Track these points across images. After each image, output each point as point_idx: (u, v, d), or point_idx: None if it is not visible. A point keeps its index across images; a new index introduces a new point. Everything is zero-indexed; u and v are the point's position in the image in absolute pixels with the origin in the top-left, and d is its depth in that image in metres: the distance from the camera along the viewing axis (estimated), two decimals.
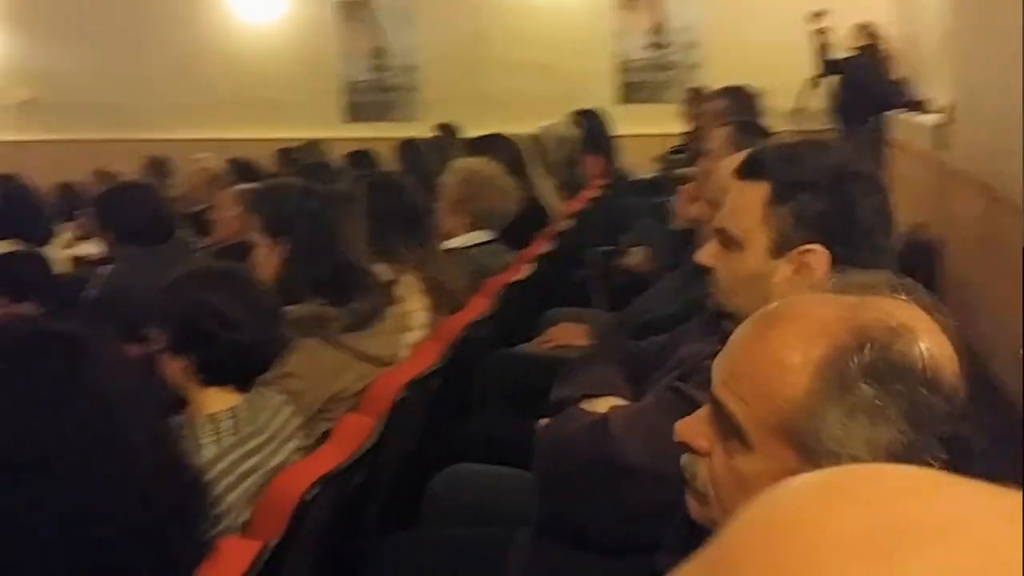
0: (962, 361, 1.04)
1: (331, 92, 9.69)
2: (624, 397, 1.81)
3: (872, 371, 0.99)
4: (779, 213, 1.60)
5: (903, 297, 1.07)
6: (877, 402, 0.98)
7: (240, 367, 2.07)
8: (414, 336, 3.09)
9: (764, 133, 3.26)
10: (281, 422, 2.15)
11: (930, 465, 0.97)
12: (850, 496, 0.49)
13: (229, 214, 3.86)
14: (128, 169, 7.23)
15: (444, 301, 3.15)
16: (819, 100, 8.24)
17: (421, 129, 7.92)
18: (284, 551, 1.73)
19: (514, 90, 9.01)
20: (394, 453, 2.45)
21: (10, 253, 3.89)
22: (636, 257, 4.17)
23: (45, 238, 4.66)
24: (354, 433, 2.23)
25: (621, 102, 9.06)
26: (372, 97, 9.72)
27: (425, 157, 6.05)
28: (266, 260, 2.78)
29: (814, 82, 8.19)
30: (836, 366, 1.00)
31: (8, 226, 4.32)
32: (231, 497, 1.93)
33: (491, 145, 4.38)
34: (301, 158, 6.55)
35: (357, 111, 9.72)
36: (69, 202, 6.44)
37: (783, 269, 1.60)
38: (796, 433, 1.01)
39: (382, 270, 3.24)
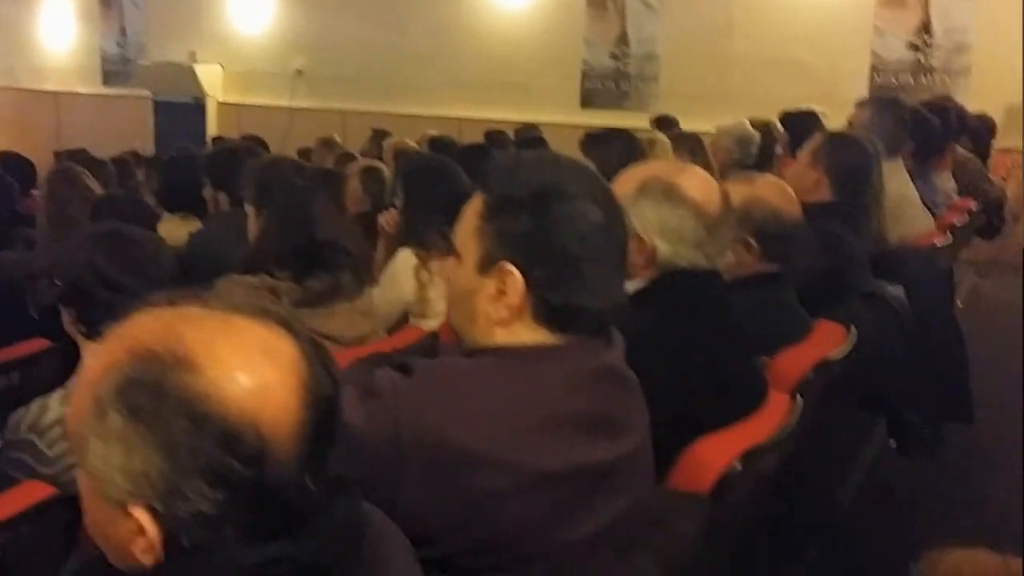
0: None
1: (573, 78, 9.69)
2: None
3: (124, 399, 0.95)
4: (487, 228, 1.48)
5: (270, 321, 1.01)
6: (128, 431, 0.94)
7: None
8: (433, 324, 3.08)
9: None
10: None
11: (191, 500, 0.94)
12: None
13: None
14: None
15: None
16: None
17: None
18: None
19: (758, 86, 8.60)
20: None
21: None
22: None
23: None
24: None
25: None
26: (609, 84, 9.62)
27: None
28: (252, 229, 2.86)
29: None
30: (99, 391, 0.96)
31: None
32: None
33: (607, 140, 4.22)
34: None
35: (592, 97, 9.66)
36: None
37: (488, 288, 1.47)
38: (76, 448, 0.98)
39: (406, 256, 3.24)
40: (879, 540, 3.27)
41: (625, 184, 2.10)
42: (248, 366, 0.96)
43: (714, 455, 1.89)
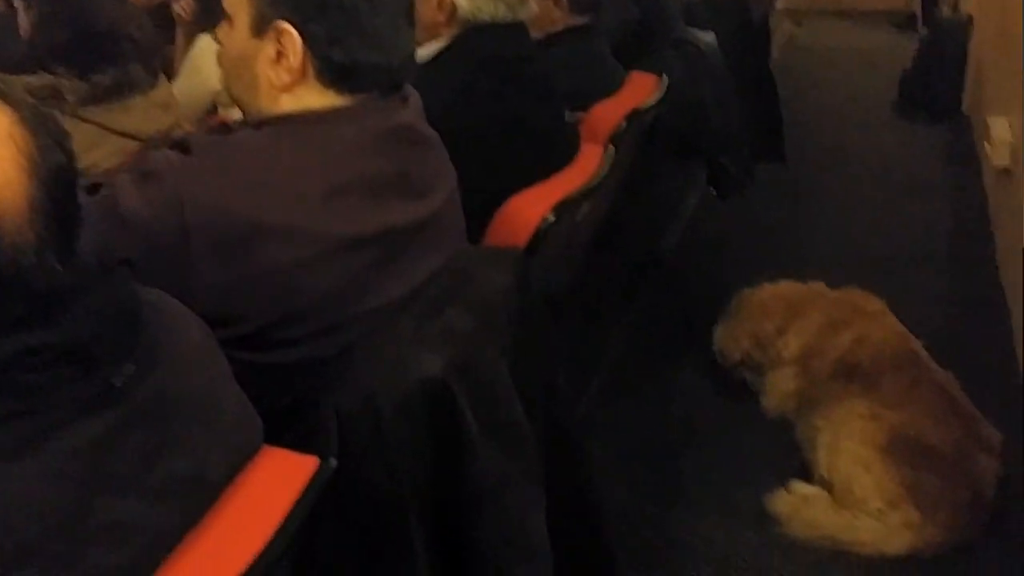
0: None
1: None
2: None
3: None
4: None
5: None
6: None
7: None
8: None
9: None
10: None
11: None
12: None
13: None
14: None
15: None
16: None
17: None
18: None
19: None
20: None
21: None
22: None
23: None
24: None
25: None
26: None
27: None
28: (24, 24, 2.63)
29: None
30: None
31: None
32: None
33: None
34: None
35: None
36: None
37: (267, 51, 1.38)
38: None
39: (206, 42, 3.06)
40: (702, 282, 3.42)
41: None
42: None
43: (528, 209, 1.89)
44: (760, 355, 2.83)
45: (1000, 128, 3.64)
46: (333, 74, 1.39)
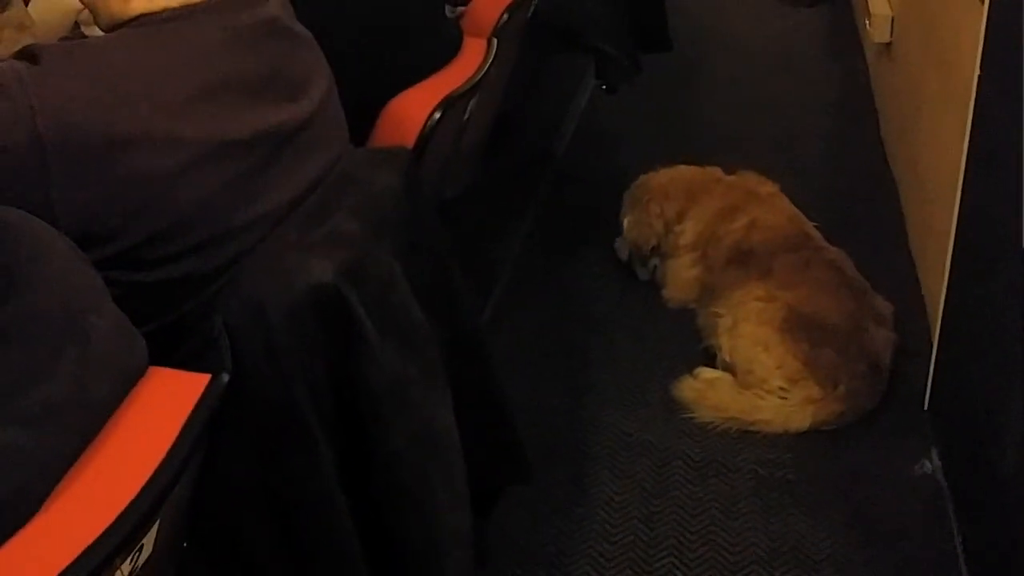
0: None
1: None
2: None
3: None
4: None
5: None
6: None
7: None
8: None
9: None
10: None
11: None
12: None
13: None
14: None
15: None
16: None
17: None
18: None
19: None
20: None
21: None
22: None
23: None
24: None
25: None
26: None
27: None
28: None
29: None
30: None
31: None
32: None
33: None
34: None
35: None
36: None
37: None
38: None
39: None
40: (596, 176, 3.41)
41: None
42: None
43: (413, 108, 1.84)
44: (665, 242, 2.83)
45: (879, 4, 3.67)
46: None
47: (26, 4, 2.62)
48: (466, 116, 2.02)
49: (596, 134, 3.65)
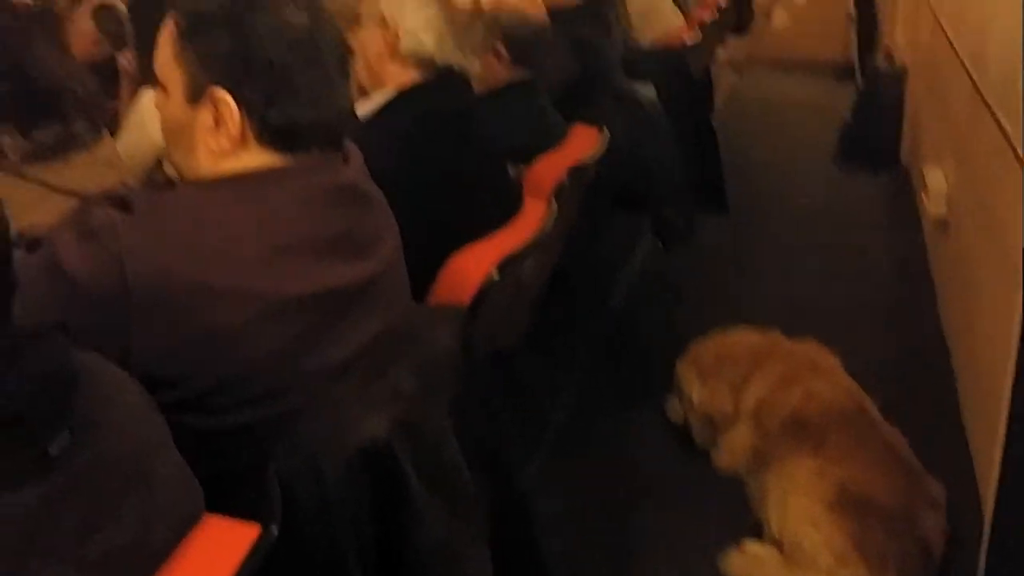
0: None
1: None
2: None
3: None
4: (186, 53, 1.38)
5: None
6: None
7: None
8: None
9: None
10: None
11: None
12: None
13: None
14: None
15: None
16: None
17: None
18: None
19: None
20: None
21: None
22: None
23: None
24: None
25: None
26: None
27: None
28: None
29: None
30: None
31: None
32: None
33: None
34: None
35: None
36: None
37: (203, 119, 1.38)
38: None
39: (150, 96, 3.04)
40: (651, 334, 3.43)
41: None
42: None
43: (472, 266, 1.89)
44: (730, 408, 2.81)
45: (935, 178, 3.71)
46: (272, 136, 1.38)
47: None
48: (523, 275, 2.07)
49: (651, 292, 3.69)
